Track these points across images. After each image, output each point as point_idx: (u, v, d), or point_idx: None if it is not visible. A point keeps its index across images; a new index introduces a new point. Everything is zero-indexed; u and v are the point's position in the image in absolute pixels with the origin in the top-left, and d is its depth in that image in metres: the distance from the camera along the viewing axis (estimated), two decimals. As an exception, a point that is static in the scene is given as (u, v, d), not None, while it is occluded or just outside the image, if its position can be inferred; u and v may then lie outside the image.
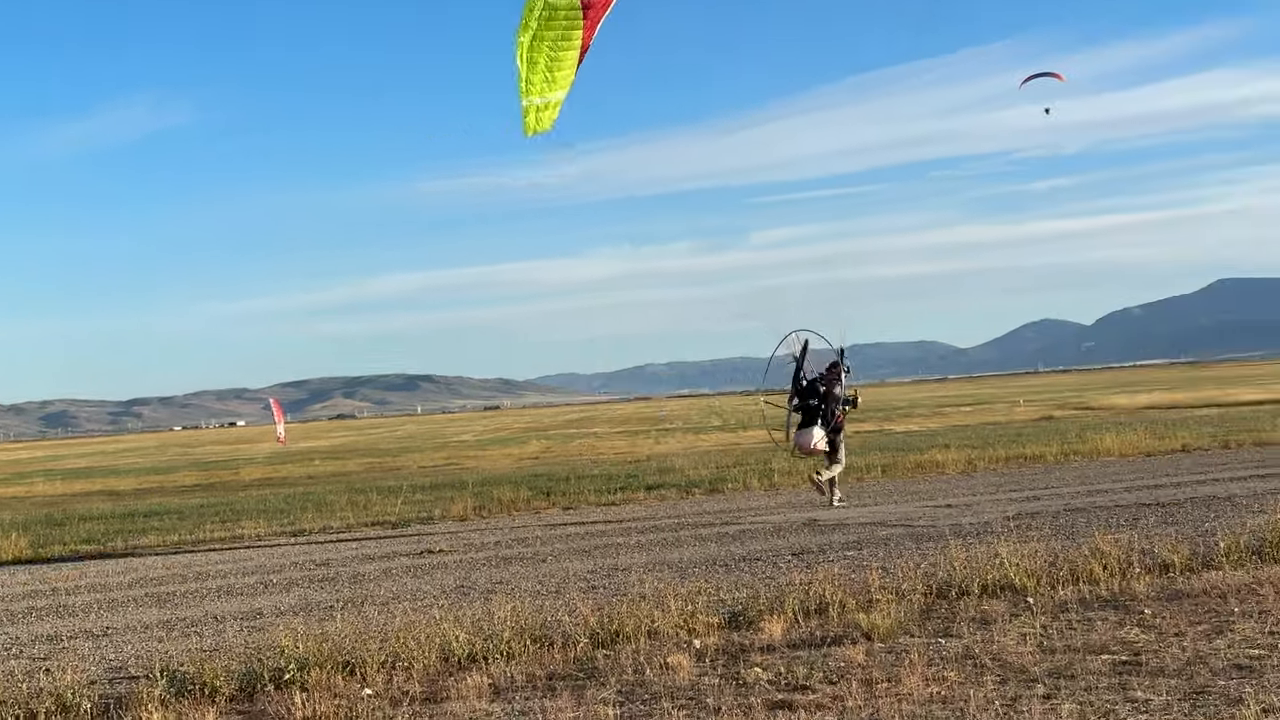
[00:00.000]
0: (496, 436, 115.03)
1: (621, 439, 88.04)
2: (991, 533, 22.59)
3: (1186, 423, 56.78)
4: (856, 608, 15.90)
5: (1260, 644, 12.96)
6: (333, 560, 26.22)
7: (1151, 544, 19.38)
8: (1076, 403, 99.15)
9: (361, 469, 68.50)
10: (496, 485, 42.25)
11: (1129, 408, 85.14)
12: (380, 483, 50.82)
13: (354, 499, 40.45)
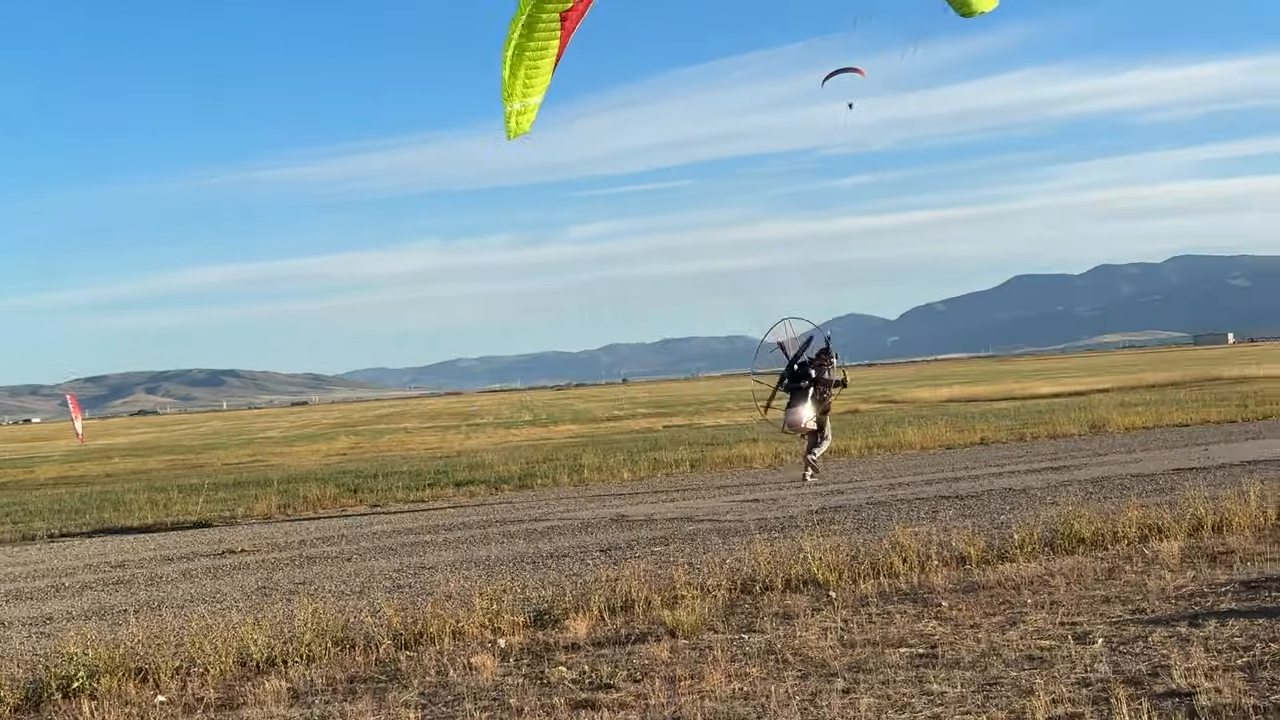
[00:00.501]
0: (304, 433, 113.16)
1: (432, 434, 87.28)
2: (796, 527, 22.87)
3: (985, 416, 58.25)
4: (662, 604, 15.95)
5: (1051, 635, 13.30)
6: (129, 562, 25.49)
7: (950, 537, 19.79)
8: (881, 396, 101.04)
9: (163, 467, 66.77)
10: (303, 483, 41.53)
11: (931, 401, 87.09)
12: (182, 481, 49.57)
13: (154, 498, 39.38)
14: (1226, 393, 66.24)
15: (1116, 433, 43.11)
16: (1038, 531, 19.25)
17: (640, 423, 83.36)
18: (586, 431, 75.68)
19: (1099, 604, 14.69)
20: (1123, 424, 45.07)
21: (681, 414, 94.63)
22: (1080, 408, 58.47)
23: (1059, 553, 18.36)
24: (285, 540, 27.60)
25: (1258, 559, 16.91)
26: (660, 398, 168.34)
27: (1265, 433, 39.06)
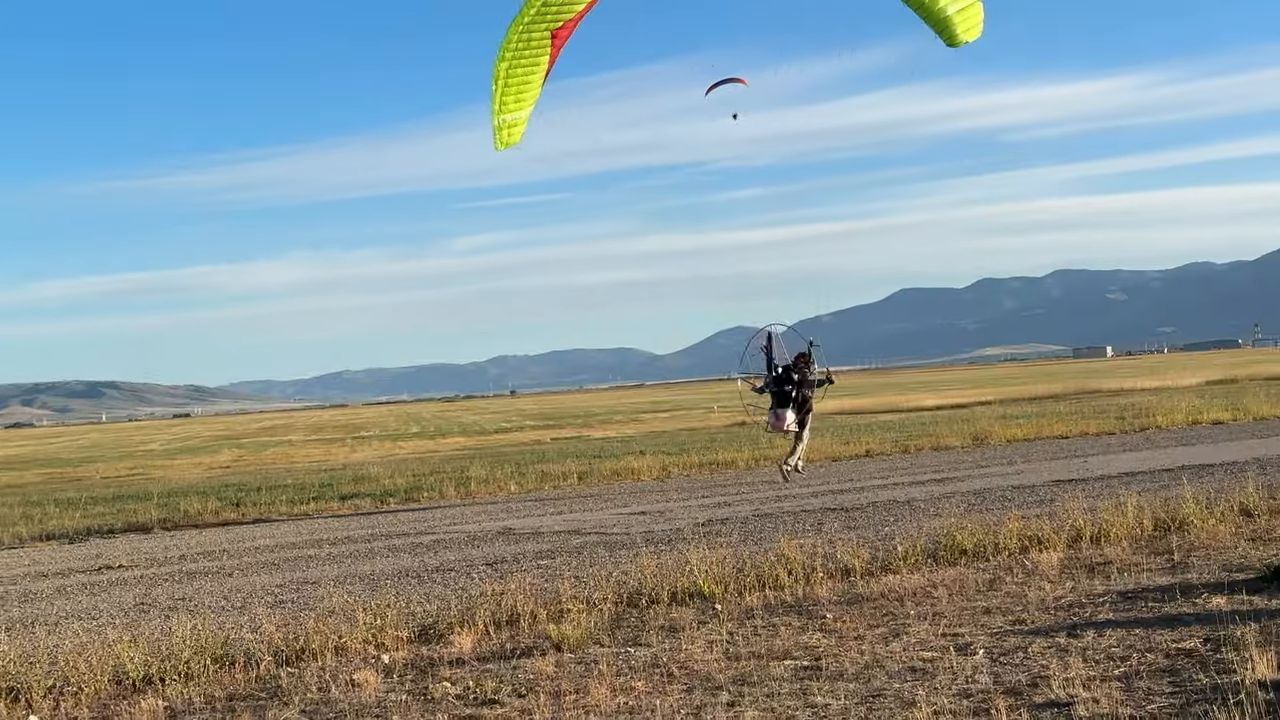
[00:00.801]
0: (186, 445, 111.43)
1: (317, 447, 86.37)
2: (683, 539, 22.88)
3: (870, 428, 58.81)
4: (548, 618, 15.88)
5: (933, 646, 13.42)
6: (2, 578, 24.88)
7: (835, 549, 19.90)
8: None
9: (39, 480, 65.38)
10: (184, 496, 40.86)
11: (816, 414, 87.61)
12: (59, 495, 48.55)
13: (29, 512, 38.53)
14: (1105, 405, 67.49)
15: (998, 445, 43.72)
16: (921, 543, 19.44)
17: (528, 435, 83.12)
18: (474, 444, 75.31)
19: (980, 615, 14.85)
20: (1004, 436, 45.72)
21: (570, 426, 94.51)
22: (963, 420, 59.24)
23: (942, 564, 18.55)
24: (165, 555, 27.12)
25: (1134, 570, 17.21)
26: (548, 409, 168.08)
27: (1142, 445, 39.81)
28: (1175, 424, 47.90)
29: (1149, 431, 45.80)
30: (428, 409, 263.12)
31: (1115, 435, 45.06)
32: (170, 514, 35.33)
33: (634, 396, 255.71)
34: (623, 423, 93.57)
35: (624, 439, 67.07)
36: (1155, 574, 16.81)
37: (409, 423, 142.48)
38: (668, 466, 41.32)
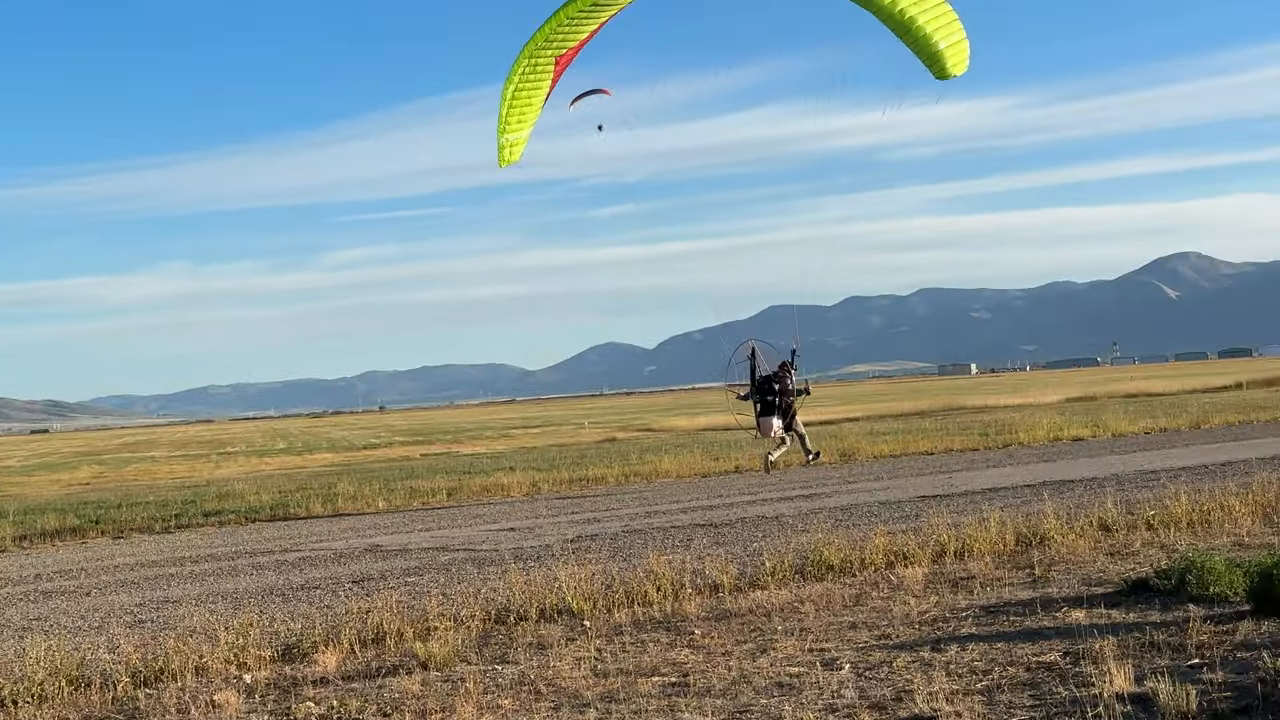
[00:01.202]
0: (44, 462, 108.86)
1: (181, 463, 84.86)
2: (552, 556, 22.78)
3: (740, 444, 59.11)
4: (415, 636, 15.71)
5: (800, 661, 13.48)
6: None
7: (704, 564, 19.95)
8: (639, 424, 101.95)
9: (-111, 497, 63.36)
10: (41, 514, 39.84)
11: (688, 429, 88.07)
12: (-90, 512, 47.06)
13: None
14: (969, 422, 68.60)
15: (865, 461, 44.20)
16: (789, 559, 19.55)
17: (397, 451, 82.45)
18: (342, 460, 74.50)
19: (847, 630, 14.96)
20: (871, 452, 46.25)
21: (439, 442, 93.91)
22: (831, 436, 59.87)
23: (809, 580, 18.67)
24: (20, 574, 26.42)
25: (996, 584, 17.45)
26: (418, 425, 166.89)
27: (1005, 461, 40.49)
28: (1037, 440, 48.82)
29: (1012, 448, 46.61)
30: (295, 425, 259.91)
31: (979, 451, 45.80)
32: (26, 531, 34.47)
33: (505, 412, 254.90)
34: (493, 439, 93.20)
35: (494, 455, 66.78)
36: (1017, 588, 17.06)
37: (275, 439, 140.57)
38: (538, 483, 41.21)
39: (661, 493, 36.63)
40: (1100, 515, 22.18)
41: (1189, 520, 21.88)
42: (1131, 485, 29.64)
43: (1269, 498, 23.27)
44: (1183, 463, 34.95)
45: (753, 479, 39.50)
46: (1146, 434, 50.17)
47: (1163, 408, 70.08)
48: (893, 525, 24.06)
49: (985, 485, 32.11)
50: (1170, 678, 11.19)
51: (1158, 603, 15.25)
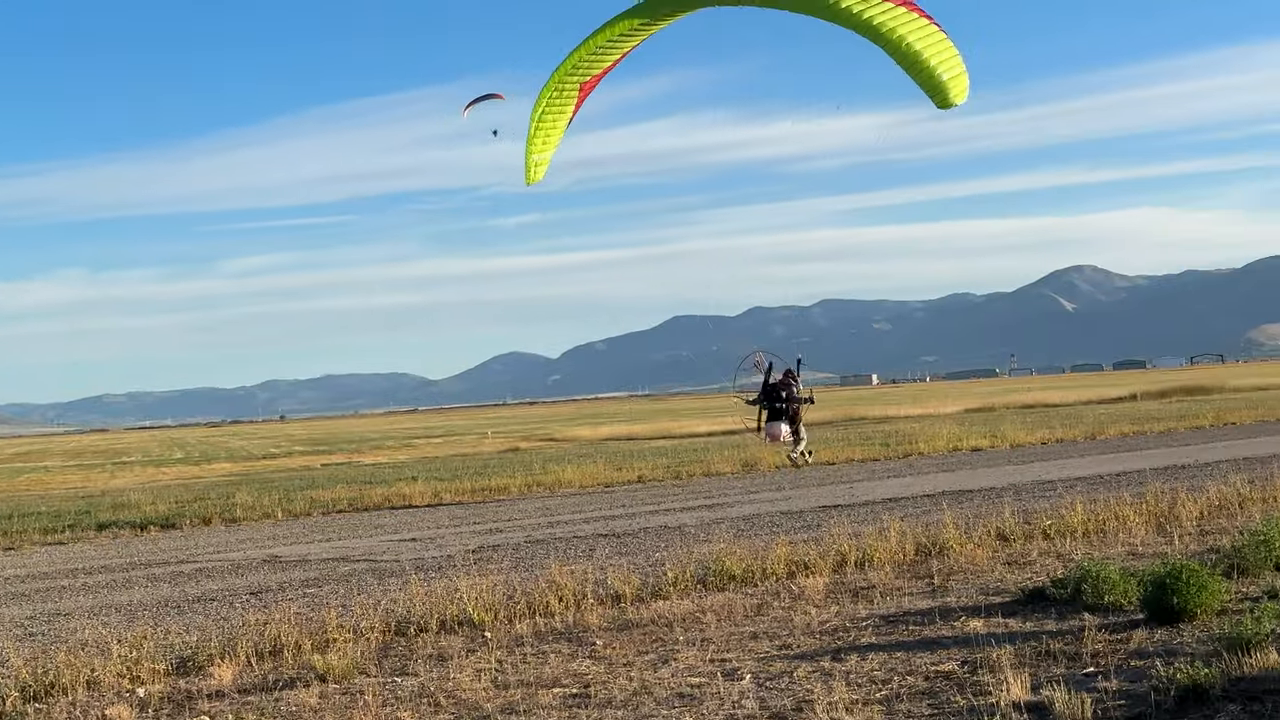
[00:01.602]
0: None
1: (75, 473, 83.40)
2: (454, 566, 22.63)
3: (643, 454, 59.23)
4: (313, 648, 15.53)
5: (701, 672, 13.48)
6: None
7: (606, 575, 19.90)
8: (542, 434, 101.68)
9: None
10: (-71, 525, 38.93)
11: (591, 439, 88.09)
12: None
13: None
14: (870, 432, 69.19)
15: (767, 471, 44.39)
16: (691, 569, 19.58)
17: (298, 460, 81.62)
18: (241, 470, 73.63)
19: (748, 640, 14.99)
20: (773, 463, 46.43)
21: (341, 451, 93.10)
22: (734, 446, 59.97)
23: (711, 590, 18.70)
24: (-94, 587, 25.80)
25: (896, 594, 17.58)
26: (319, 435, 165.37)
27: (906, 471, 40.88)
28: (937, 451, 49.31)
29: (912, 458, 47.06)
30: (193, 434, 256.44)
31: (880, 461, 46.21)
32: (-87, 543, 33.69)
33: (407, 422, 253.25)
34: (395, 448, 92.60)
35: (396, 465, 66.35)
36: (916, 598, 17.19)
37: (173, 448, 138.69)
38: (440, 493, 41.01)
39: (565, 503, 36.58)
40: (998, 525, 22.43)
41: (1085, 530, 22.19)
42: (1029, 495, 30.02)
43: (1162, 508, 23.67)
44: (1079, 473, 35.46)
45: (657, 489, 39.55)
46: (1044, 444, 50.87)
47: (1059, 418, 71.10)
48: (794, 535, 24.18)
49: (886, 495, 32.36)
50: (1066, 686, 11.32)
51: (1054, 612, 15.43)
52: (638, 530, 27.77)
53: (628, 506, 33.83)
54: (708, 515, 30.05)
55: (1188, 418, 62.18)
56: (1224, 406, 71.72)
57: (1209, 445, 44.29)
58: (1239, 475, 28.11)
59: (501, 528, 30.35)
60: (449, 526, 31.28)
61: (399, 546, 27.65)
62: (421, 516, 34.77)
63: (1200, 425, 57.01)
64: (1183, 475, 32.39)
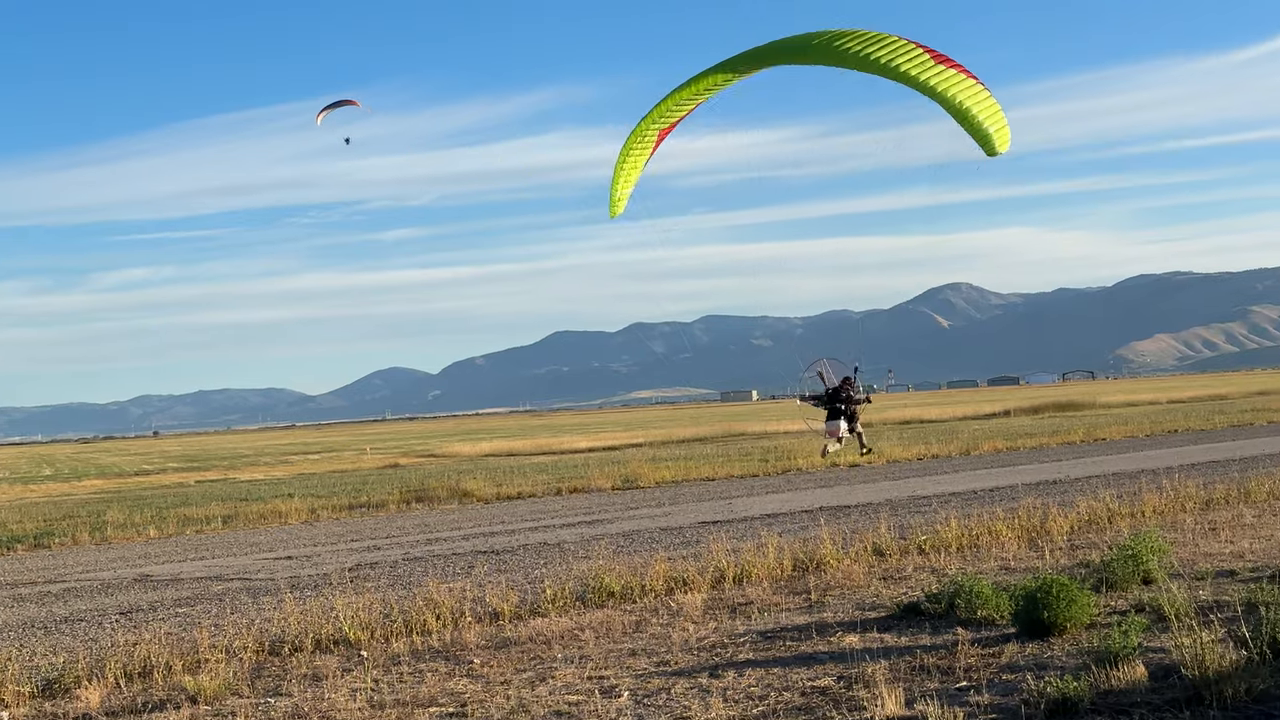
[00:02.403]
0: None
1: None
2: (330, 584, 22.40)
3: (524, 470, 59.05)
4: (184, 669, 15.25)
5: (579, 689, 13.44)
6: None
7: (484, 592, 19.79)
8: (421, 450, 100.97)
9: None
10: None
11: (472, 455, 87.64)
12: None
13: None
14: (750, 448, 69.57)
15: (648, 486, 44.47)
16: (570, 586, 19.53)
17: (171, 477, 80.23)
18: (113, 487, 72.20)
19: (626, 657, 14.98)
20: (654, 478, 46.55)
21: (215, 468, 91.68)
22: (614, 462, 60.05)
23: (590, 607, 18.67)
24: None
25: (774, 609, 17.67)
26: (194, 451, 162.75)
27: (784, 486, 41.15)
28: (815, 466, 49.65)
29: (790, 474, 47.39)
30: (63, 450, 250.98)
31: (759, 477, 46.47)
32: None
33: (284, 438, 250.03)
34: (271, 465, 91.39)
35: (272, 482, 65.49)
36: (794, 613, 17.29)
37: (41, 465, 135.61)
38: (317, 510, 40.54)
39: (444, 519, 36.34)
40: (875, 540, 22.66)
41: (959, 545, 22.50)
42: (905, 510, 30.37)
43: (1034, 523, 24.06)
44: (953, 488, 35.95)
45: (537, 505, 39.45)
46: (920, 460, 51.50)
47: (935, 434, 72.07)
48: (673, 551, 24.24)
49: (764, 511, 32.56)
50: (939, 700, 11.44)
51: (928, 626, 15.60)
52: (517, 547, 27.66)
53: (507, 523, 33.69)
54: (588, 532, 30.02)
55: (1059, 434, 63.33)
56: (1094, 423, 73.18)
57: (1080, 461, 45.14)
58: (1109, 491, 28.72)
59: (379, 545, 30.07)
60: (326, 544, 30.92)
61: (274, 564, 27.28)
62: (298, 534, 34.35)
63: (1071, 441, 58.09)
64: (1054, 490, 32.97)
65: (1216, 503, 26.95)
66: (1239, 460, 40.00)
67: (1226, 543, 21.39)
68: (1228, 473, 34.11)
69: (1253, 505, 26.45)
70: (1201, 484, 29.65)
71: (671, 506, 35.80)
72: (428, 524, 35.08)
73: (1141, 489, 28.77)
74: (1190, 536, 22.26)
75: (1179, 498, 26.99)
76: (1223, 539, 21.84)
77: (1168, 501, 26.68)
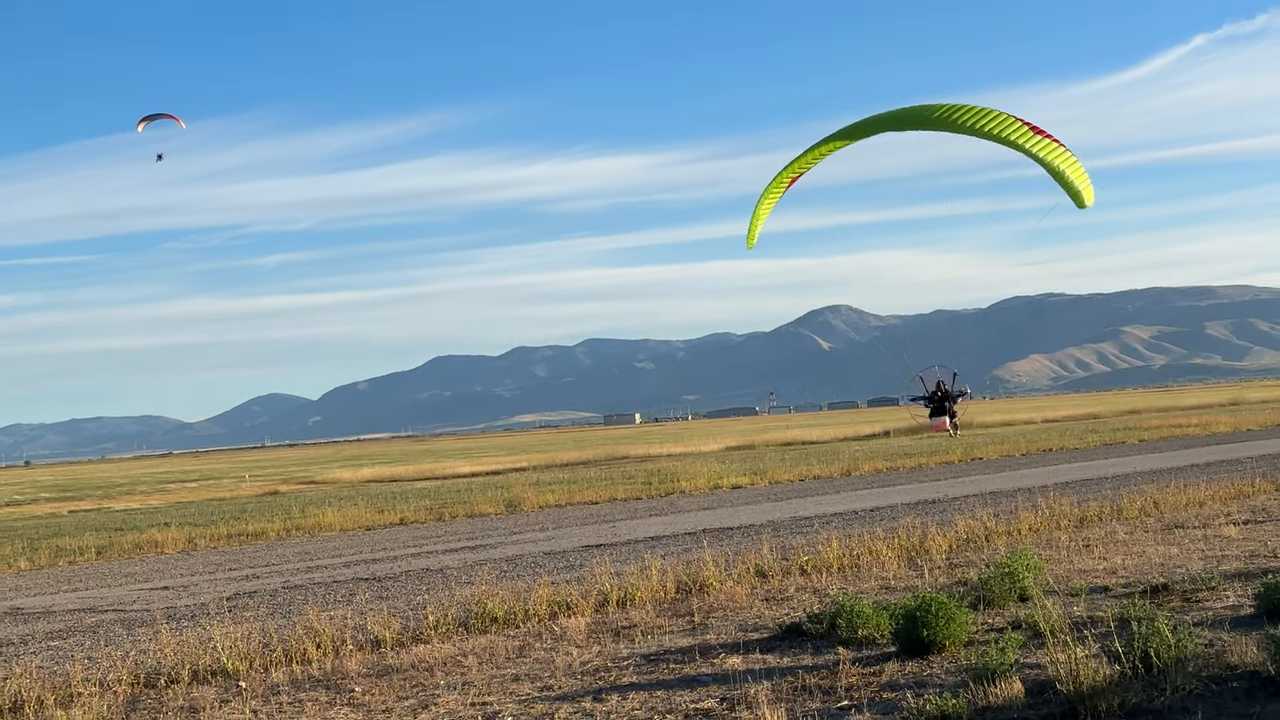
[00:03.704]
0: None
1: None
2: (207, 614, 22.03)
3: (406, 496, 58.62)
4: (56, 704, 14.92)
5: (462, 716, 13.35)
6: None
7: (365, 620, 19.60)
8: (302, 477, 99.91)
9: None
10: None
11: (353, 481, 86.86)
12: None
13: None
14: (633, 471, 69.69)
15: (531, 510, 44.39)
16: (452, 612, 19.40)
17: (43, 508, 78.53)
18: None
19: (510, 682, 14.90)
20: (537, 502, 46.47)
21: (90, 498, 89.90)
22: (498, 486, 59.88)
23: (473, 632, 18.56)
24: None
25: (658, 632, 17.69)
26: (66, 481, 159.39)
27: (668, 509, 41.26)
28: (698, 489, 49.94)
29: (674, 496, 47.55)
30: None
31: (643, 500, 46.55)
32: None
33: (161, 466, 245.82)
34: (147, 494, 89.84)
35: (148, 511, 64.36)
36: (677, 636, 17.33)
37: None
38: (194, 539, 39.93)
39: (325, 546, 35.96)
40: (757, 562, 22.79)
41: (840, 565, 22.70)
42: (787, 531, 30.58)
43: (913, 542, 24.36)
44: (835, 509, 36.29)
45: (420, 530, 39.21)
46: (802, 481, 51.93)
47: (817, 455, 72.72)
48: (557, 575, 24.19)
49: (648, 534, 32.62)
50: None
51: (810, 646, 15.71)
52: (399, 573, 27.44)
53: (389, 549, 33.41)
54: (470, 557, 29.87)
55: (938, 453, 64.21)
56: (971, 443, 74.25)
57: (958, 480, 45.80)
58: (986, 510, 29.18)
59: (259, 573, 29.67)
60: (203, 573, 30.44)
61: (150, 595, 26.80)
62: (175, 563, 33.78)
63: (950, 461, 58.92)
64: (933, 510, 33.42)
65: (1090, 520, 27.49)
66: (1112, 478, 40.87)
67: (1100, 559, 21.82)
68: (1101, 490, 34.79)
69: (1125, 522, 27.01)
70: (1076, 502, 30.23)
71: (555, 530, 35.74)
72: (308, 551, 34.68)
73: (1018, 507, 29.25)
74: (1065, 554, 22.67)
75: (1054, 516, 27.49)
76: (1096, 556, 22.27)
77: (1043, 519, 27.16)
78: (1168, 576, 19.20)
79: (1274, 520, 26.27)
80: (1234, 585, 18.04)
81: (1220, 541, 23.29)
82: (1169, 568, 20.37)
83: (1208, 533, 24.65)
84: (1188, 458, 50.54)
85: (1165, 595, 17.71)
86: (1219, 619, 15.46)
